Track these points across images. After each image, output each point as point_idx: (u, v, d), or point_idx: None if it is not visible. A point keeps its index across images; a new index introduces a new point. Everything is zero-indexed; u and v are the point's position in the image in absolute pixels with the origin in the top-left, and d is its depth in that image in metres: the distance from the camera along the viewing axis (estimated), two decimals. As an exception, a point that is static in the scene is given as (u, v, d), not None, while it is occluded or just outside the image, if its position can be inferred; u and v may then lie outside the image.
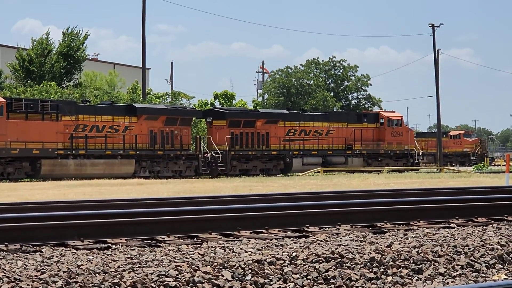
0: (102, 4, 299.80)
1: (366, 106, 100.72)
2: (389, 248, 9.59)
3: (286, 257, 8.89)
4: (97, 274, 7.84)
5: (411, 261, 9.34)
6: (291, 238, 10.70)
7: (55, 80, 63.14)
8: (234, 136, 50.28)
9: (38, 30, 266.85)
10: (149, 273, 7.93)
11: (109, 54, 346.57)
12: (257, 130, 51.50)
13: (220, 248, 9.50)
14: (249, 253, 9.07)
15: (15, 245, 9.62)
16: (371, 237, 10.73)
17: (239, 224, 11.37)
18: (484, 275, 9.33)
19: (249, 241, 10.31)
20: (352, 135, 55.54)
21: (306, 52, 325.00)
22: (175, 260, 8.54)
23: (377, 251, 9.43)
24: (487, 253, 9.94)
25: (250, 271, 8.41)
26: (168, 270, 8.04)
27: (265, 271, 8.47)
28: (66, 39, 67.39)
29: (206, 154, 48.92)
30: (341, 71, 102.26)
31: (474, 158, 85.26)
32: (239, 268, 8.43)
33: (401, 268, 9.15)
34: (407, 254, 9.46)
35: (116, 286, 7.60)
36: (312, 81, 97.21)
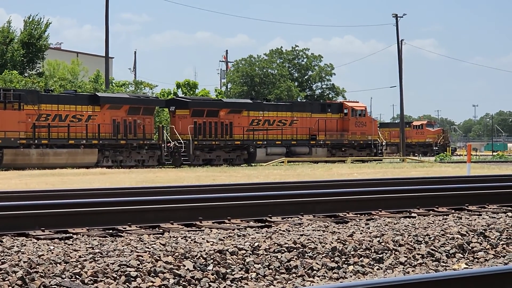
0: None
1: (330, 96, 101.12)
2: (350, 238, 9.63)
3: (248, 247, 8.90)
4: (58, 264, 7.79)
5: (372, 251, 9.39)
6: (254, 228, 10.70)
7: (16, 69, 62.51)
8: (197, 126, 50.15)
9: (1, 18, 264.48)
10: (110, 263, 7.90)
11: (73, 43, 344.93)
12: (221, 120, 51.42)
13: (181, 238, 9.48)
14: (211, 243, 9.06)
15: (-25, 235, 9.54)
16: (333, 227, 10.76)
17: (201, 214, 11.36)
18: (444, 264, 9.40)
19: (211, 231, 10.30)
20: (316, 125, 55.63)
21: (270, 41, 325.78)
22: (137, 250, 8.51)
23: (339, 240, 9.47)
24: (448, 242, 10.01)
25: (212, 261, 8.40)
26: (130, 260, 8.01)
27: (227, 261, 8.47)
28: (27, 27, 66.71)
29: (169, 144, 48.72)
30: (304, 60, 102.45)
31: (437, 148, 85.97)
32: (201, 258, 8.42)
33: (363, 258, 9.19)
34: (368, 244, 9.51)
35: (77, 276, 7.56)
36: (276, 71, 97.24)
